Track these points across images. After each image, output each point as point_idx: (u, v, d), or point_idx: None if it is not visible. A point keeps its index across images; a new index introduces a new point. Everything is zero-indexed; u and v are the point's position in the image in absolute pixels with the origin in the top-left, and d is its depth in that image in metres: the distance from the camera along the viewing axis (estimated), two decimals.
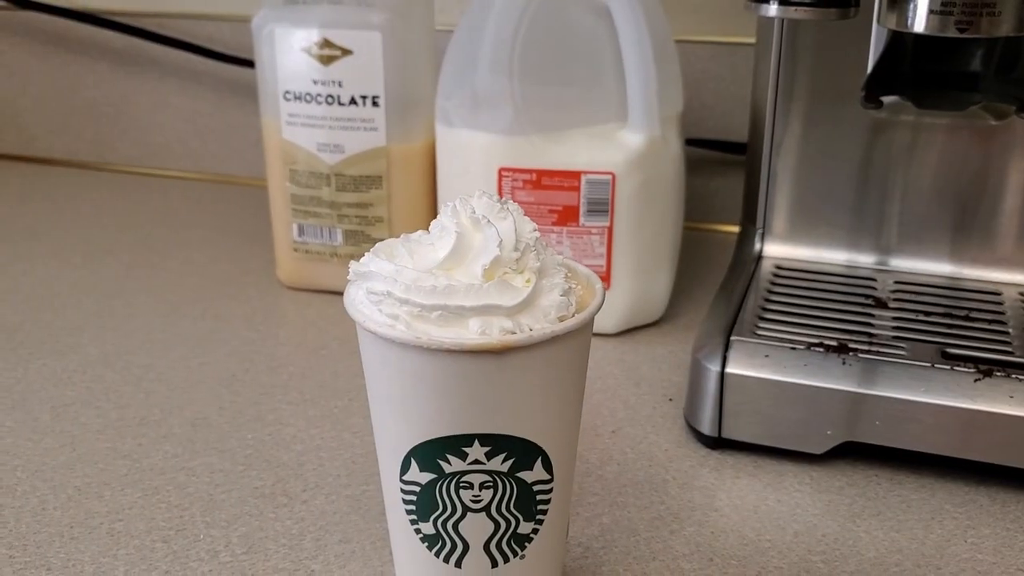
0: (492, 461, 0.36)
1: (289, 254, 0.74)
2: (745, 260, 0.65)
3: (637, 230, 0.65)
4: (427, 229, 0.39)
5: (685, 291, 0.75)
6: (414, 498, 0.37)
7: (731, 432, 0.54)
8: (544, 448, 0.37)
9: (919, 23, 0.50)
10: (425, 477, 0.36)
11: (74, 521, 0.48)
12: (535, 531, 0.38)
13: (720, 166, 0.87)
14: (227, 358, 0.65)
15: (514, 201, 0.44)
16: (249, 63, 0.94)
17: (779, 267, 0.64)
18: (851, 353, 0.52)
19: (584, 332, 0.36)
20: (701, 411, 0.54)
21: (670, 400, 0.60)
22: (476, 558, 0.38)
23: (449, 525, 0.37)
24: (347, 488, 0.51)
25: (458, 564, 0.38)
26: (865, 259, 0.64)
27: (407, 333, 0.34)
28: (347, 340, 0.68)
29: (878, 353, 0.53)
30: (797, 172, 0.64)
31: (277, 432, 0.57)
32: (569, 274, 0.38)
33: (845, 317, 0.57)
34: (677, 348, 0.67)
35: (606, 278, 0.66)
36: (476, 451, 0.36)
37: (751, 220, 0.67)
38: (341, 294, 0.40)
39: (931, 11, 0.49)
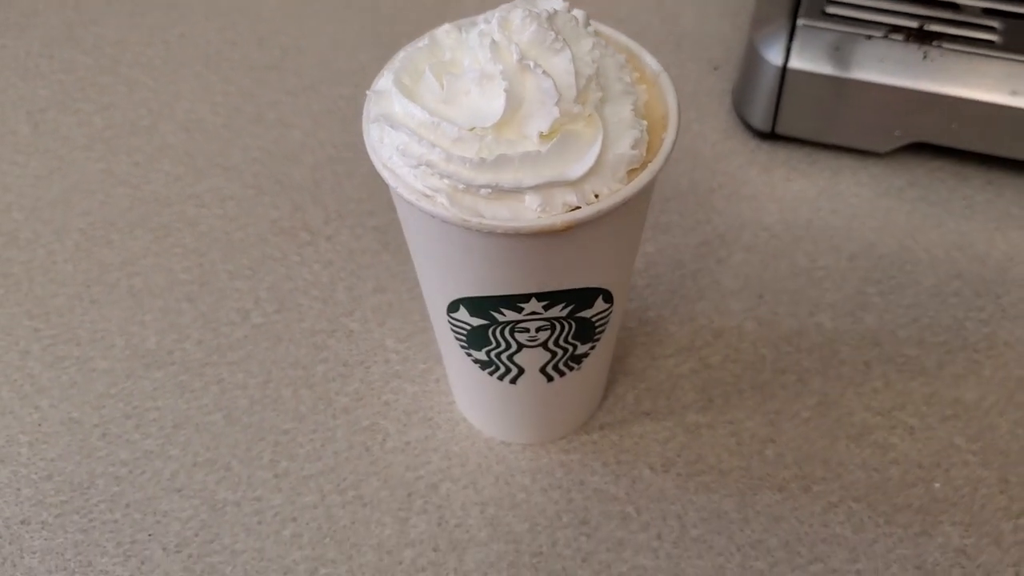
0: (551, 311, 0.32)
1: None
2: None
3: None
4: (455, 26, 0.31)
5: None
6: (464, 334, 0.34)
7: (786, 128, 0.49)
8: (607, 288, 0.33)
9: None
10: (476, 321, 0.33)
11: (90, 278, 0.46)
12: (592, 348, 0.36)
13: None
14: (207, 24, 0.57)
15: None
16: None
17: None
18: (933, 44, 0.45)
19: (654, 181, 0.30)
20: (754, 104, 0.49)
21: (716, 69, 0.54)
22: (532, 377, 0.36)
23: (504, 356, 0.35)
24: (372, 217, 0.48)
25: (513, 382, 0.36)
26: None
27: (451, 212, 0.28)
28: None
29: (964, 40, 0.45)
30: None
31: (282, 138, 0.51)
32: (634, 74, 0.31)
33: None
34: None
35: None
36: (533, 305, 0.32)
37: None
38: None
39: None
